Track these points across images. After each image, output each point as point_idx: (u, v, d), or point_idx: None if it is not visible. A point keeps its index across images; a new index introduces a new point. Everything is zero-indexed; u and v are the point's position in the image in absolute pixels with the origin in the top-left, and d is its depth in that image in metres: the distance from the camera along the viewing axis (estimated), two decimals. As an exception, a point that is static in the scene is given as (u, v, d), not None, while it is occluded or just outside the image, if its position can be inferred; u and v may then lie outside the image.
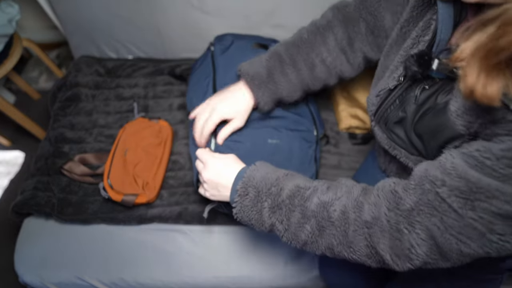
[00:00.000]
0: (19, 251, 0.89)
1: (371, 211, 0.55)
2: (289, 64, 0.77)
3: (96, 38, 1.24)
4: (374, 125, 0.72)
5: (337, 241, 0.57)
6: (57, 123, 1.07)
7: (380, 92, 0.67)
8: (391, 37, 0.69)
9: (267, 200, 0.61)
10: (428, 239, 0.50)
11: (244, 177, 0.63)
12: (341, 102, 1.07)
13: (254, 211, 0.62)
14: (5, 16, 1.22)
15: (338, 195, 0.58)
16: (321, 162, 1.00)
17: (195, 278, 0.86)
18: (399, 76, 0.63)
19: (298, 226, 0.59)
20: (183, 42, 1.22)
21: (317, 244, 0.59)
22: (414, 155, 0.65)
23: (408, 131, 0.63)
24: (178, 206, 0.91)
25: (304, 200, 0.59)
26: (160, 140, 0.99)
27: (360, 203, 0.56)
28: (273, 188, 0.61)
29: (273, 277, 0.86)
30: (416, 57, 0.55)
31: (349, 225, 0.56)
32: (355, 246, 0.56)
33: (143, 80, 1.17)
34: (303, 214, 0.58)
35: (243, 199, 0.62)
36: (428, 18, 0.58)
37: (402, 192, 0.53)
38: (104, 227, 0.91)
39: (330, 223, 0.57)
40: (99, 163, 0.98)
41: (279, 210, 0.60)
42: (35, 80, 1.71)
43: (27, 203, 0.91)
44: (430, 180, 0.49)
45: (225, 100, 0.76)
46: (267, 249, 0.88)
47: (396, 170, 0.79)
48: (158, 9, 1.13)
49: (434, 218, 0.48)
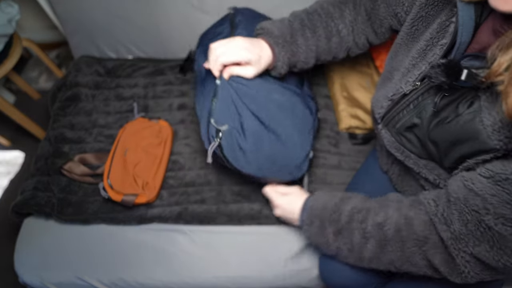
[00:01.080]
0: (19, 251, 0.89)
1: (422, 228, 0.58)
2: (310, 29, 0.77)
3: (96, 38, 1.24)
4: (381, 128, 0.72)
5: (396, 257, 0.61)
6: (57, 123, 1.07)
7: (393, 96, 0.66)
8: (398, 37, 0.68)
9: (330, 227, 0.68)
10: (477, 262, 0.52)
11: (307, 209, 0.72)
12: (341, 102, 1.07)
13: (321, 237, 0.70)
14: (5, 16, 1.21)
15: (390, 213, 0.63)
16: (321, 162, 1.00)
17: (195, 278, 0.86)
18: (414, 80, 0.61)
19: (360, 247, 0.65)
20: (183, 42, 1.21)
21: (380, 260, 0.64)
22: (424, 159, 0.65)
23: (422, 137, 0.62)
24: (178, 206, 0.91)
25: (360, 222, 0.65)
26: (160, 140, 0.99)
27: (410, 219, 0.60)
28: (333, 215, 0.68)
29: (273, 277, 0.86)
30: (444, 67, 0.52)
31: (404, 242, 0.59)
32: (413, 260, 0.60)
33: (143, 80, 1.17)
34: (362, 236, 0.64)
35: (310, 227, 0.71)
36: (443, 20, 0.56)
37: (446, 216, 0.54)
38: (104, 227, 0.90)
39: (386, 242, 0.62)
40: (99, 163, 0.98)
41: (340, 235, 0.67)
42: (35, 80, 1.71)
43: (27, 203, 0.91)
44: (473, 210, 0.50)
45: (251, 44, 0.71)
46: (267, 249, 0.88)
47: (398, 172, 0.79)
48: (158, 9, 1.13)
49: (479, 246, 0.50)
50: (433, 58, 0.58)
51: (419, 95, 0.61)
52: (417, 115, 0.62)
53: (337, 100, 1.08)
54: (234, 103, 0.73)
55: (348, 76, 1.10)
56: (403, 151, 0.68)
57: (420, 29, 0.62)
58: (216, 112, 0.73)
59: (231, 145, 0.72)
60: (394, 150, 0.70)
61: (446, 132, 0.56)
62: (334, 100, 1.10)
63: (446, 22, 0.56)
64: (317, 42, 0.79)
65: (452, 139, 0.55)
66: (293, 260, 0.87)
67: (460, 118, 0.53)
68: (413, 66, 0.63)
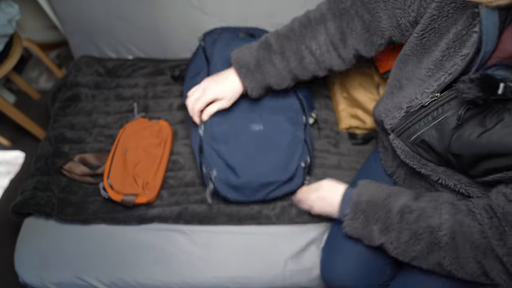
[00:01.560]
0: (19, 251, 0.89)
1: (479, 237, 0.56)
2: (278, 54, 0.78)
3: (96, 38, 1.24)
4: (393, 138, 0.70)
5: (448, 262, 0.60)
6: (57, 123, 1.07)
7: (409, 108, 0.64)
8: (406, 47, 0.66)
9: (377, 224, 0.67)
10: None
11: (352, 202, 0.70)
12: (341, 102, 1.07)
13: (365, 232, 0.69)
14: (5, 16, 1.21)
15: (444, 217, 0.61)
16: (321, 162, 1.00)
17: (195, 278, 0.86)
18: (432, 91, 0.60)
19: (407, 246, 0.64)
20: (183, 42, 1.22)
21: (426, 260, 0.63)
22: (442, 167, 0.64)
23: (441, 150, 0.60)
24: (178, 206, 0.91)
25: (411, 223, 0.63)
26: (160, 140, 0.99)
27: (467, 226, 0.58)
28: (379, 212, 0.66)
29: (273, 277, 0.86)
30: (478, 82, 0.49)
31: (459, 251, 0.58)
32: (466, 267, 0.59)
33: (143, 80, 1.17)
34: (412, 236, 0.63)
35: (353, 222, 0.69)
36: (459, 30, 0.54)
37: (502, 231, 0.54)
38: (104, 227, 0.90)
39: (439, 247, 0.60)
40: (99, 163, 0.98)
41: (388, 233, 0.65)
42: (35, 80, 1.71)
43: (27, 203, 0.91)
44: None
45: (216, 82, 0.82)
46: (267, 249, 0.88)
47: (404, 176, 0.78)
48: (158, 9, 1.13)
49: None
50: (454, 68, 0.56)
51: (438, 107, 0.59)
52: (436, 127, 0.60)
53: (337, 100, 1.08)
54: (217, 154, 0.84)
55: (348, 76, 1.10)
56: (419, 160, 0.66)
57: (432, 39, 0.60)
58: (205, 163, 0.85)
59: (224, 187, 0.84)
60: (409, 160, 0.68)
61: (473, 146, 0.55)
62: (334, 100, 1.10)
63: (463, 32, 0.54)
64: (288, 66, 0.80)
65: (482, 153, 0.54)
66: (293, 260, 0.87)
67: (493, 133, 0.52)
68: (429, 77, 0.61)
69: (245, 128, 0.86)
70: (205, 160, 0.85)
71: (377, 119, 0.77)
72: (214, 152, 0.85)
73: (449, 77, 0.57)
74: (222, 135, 0.85)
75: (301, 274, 0.87)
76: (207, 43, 0.99)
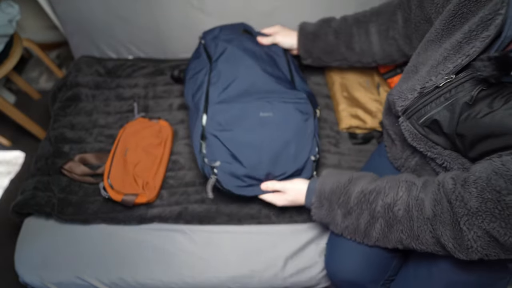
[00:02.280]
0: (19, 251, 0.89)
1: (433, 206, 0.59)
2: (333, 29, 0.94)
3: (96, 38, 1.24)
4: (402, 120, 0.71)
5: (406, 235, 0.64)
6: (57, 123, 1.07)
7: (422, 89, 0.66)
8: (430, 33, 0.68)
9: (340, 208, 0.71)
10: (487, 237, 0.53)
11: (316, 191, 0.74)
12: (341, 102, 1.07)
13: (330, 218, 0.73)
14: (5, 16, 1.22)
15: (400, 194, 0.64)
16: (321, 161, 1.00)
17: (195, 278, 0.86)
18: (448, 73, 0.61)
19: (368, 226, 0.68)
20: (183, 42, 1.22)
21: (388, 239, 0.67)
22: (448, 150, 0.67)
23: (449, 130, 0.63)
24: (178, 206, 0.91)
25: (369, 203, 0.67)
26: (160, 140, 0.99)
27: (421, 200, 0.62)
28: (342, 197, 0.70)
29: (273, 276, 0.86)
30: (495, 60, 0.51)
31: (414, 222, 0.62)
32: (422, 238, 0.62)
33: (143, 80, 1.17)
34: (371, 216, 0.67)
35: (319, 210, 0.74)
36: (486, 14, 0.56)
37: (463, 193, 0.55)
38: (104, 227, 0.91)
39: (397, 221, 0.64)
40: (99, 163, 0.98)
41: (349, 215, 0.70)
42: (35, 80, 1.71)
43: (27, 203, 0.91)
44: (494, 190, 0.51)
45: None
46: (267, 248, 0.88)
47: (414, 167, 0.79)
48: (158, 9, 1.13)
49: (495, 222, 0.51)
50: (473, 50, 0.58)
51: (452, 88, 0.61)
52: (448, 108, 0.62)
53: (338, 100, 1.08)
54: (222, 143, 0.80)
55: (348, 76, 1.11)
56: (426, 142, 0.69)
57: (457, 25, 0.62)
58: (208, 152, 0.81)
59: (228, 178, 0.80)
60: (416, 143, 0.70)
61: (477, 126, 0.57)
62: (334, 100, 1.10)
63: (488, 16, 0.55)
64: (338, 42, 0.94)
65: (484, 133, 0.56)
66: (293, 259, 0.87)
67: (496, 113, 0.54)
68: (445, 58, 0.62)
69: (253, 115, 0.81)
70: (208, 149, 0.81)
71: (390, 102, 0.79)
72: (217, 140, 0.80)
73: (466, 59, 0.59)
74: (227, 122, 0.81)
75: (301, 273, 0.87)
76: (208, 40, 0.99)
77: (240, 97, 0.84)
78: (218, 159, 0.80)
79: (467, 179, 0.56)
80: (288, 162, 0.81)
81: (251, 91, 0.85)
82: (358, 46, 0.93)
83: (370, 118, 1.03)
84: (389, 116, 0.82)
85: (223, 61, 0.90)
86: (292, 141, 0.81)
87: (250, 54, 0.92)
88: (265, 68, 0.91)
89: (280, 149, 0.80)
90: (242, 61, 0.90)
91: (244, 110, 0.82)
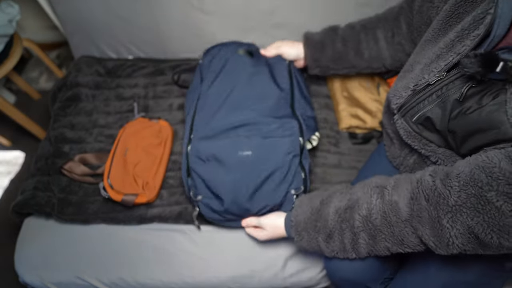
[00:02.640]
0: (19, 251, 0.89)
1: (409, 205, 0.59)
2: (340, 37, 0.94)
3: (96, 38, 1.24)
4: (397, 118, 0.72)
5: (390, 243, 0.63)
6: (57, 123, 1.07)
7: (415, 86, 0.67)
8: (427, 33, 0.69)
9: (319, 235, 0.69)
10: (468, 234, 0.53)
11: (293, 225, 0.73)
12: (341, 102, 1.07)
13: (314, 246, 0.72)
14: (5, 16, 1.21)
15: (373, 202, 0.64)
16: (321, 161, 1.00)
17: (195, 278, 0.86)
18: (439, 70, 0.62)
19: (353, 243, 0.67)
20: (183, 42, 1.22)
21: (376, 250, 0.66)
22: (442, 148, 0.66)
23: (441, 127, 0.63)
24: (178, 206, 0.91)
25: (347, 221, 0.66)
26: (160, 140, 0.99)
27: (395, 203, 0.61)
28: (318, 223, 0.69)
29: (273, 276, 0.86)
30: (481, 57, 0.52)
31: (394, 227, 0.61)
32: (407, 241, 0.61)
33: (143, 80, 1.17)
34: (353, 232, 0.66)
35: (301, 241, 0.73)
36: (479, 13, 0.56)
37: (444, 190, 0.55)
38: (104, 227, 0.90)
39: (377, 231, 0.63)
40: (99, 163, 0.98)
41: (331, 239, 0.69)
42: (35, 80, 1.71)
43: (27, 203, 0.91)
44: (476, 185, 0.50)
45: None
46: (267, 249, 0.88)
47: (412, 165, 0.79)
48: (158, 9, 1.13)
49: (477, 218, 0.51)
50: (463, 49, 0.59)
51: (443, 86, 0.62)
52: (439, 105, 0.62)
53: (337, 99, 1.08)
54: (203, 181, 0.82)
55: (348, 76, 1.10)
56: (420, 140, 0.69)
57: (452, 24, 0.63)
58: (192, 185, 0.84)
59: (209, 212, 0.83)
60: (411, 140, 0.71)
61: (466, 122, 0.57)
62: (334, 100, 1.10)
63: (480, 15, 0.56)
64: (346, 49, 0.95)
65: (472, 128, 0.57)
66: (293, 258, 0.87)
67: (483, 109, 0.54)
68: (438, 56, 0.63)
69: (232, 154, 0.82)
70: (192, 183, 0.84)
71: (387, 101, 0.80)
72: (199, 177, 0.82)
73: (457, 57, 0.60)
74: (208, 159, 0.83)
75: (301, 273, 0.87)
76: (205, 62, 1.01)
77: (222, 133, 0.85)
78: (201, 193, 0.83)
79: (449, 174, 0.55)
80: (267, 197, 0.80)
81: (235, 122, 0.86)
82: (367, 52, 0.93)
83: (370, 118, 1.03)
84: (388, 115, 0.82)
85: (212, 88, 0.92)
86: (270, 177, 0.80)
87: (243, 79, 0.92)
88: (257, 93, 0.91)
89: (258, 186, 0.80)
90: (232, 87, 0.91)
91: (223, 148, 0.82)
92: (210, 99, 0.91)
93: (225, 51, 1.01)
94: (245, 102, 0.89)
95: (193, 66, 1.14)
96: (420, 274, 0.71)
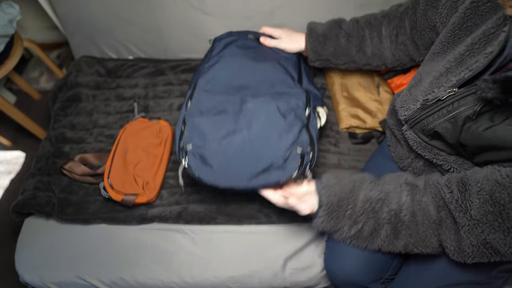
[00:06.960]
0: (19, 251, 0.89)
1: (437, 212, 0.61)
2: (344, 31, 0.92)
3: (96, 39, 1.24)
4: (406, 129, 0.73)
5: (414, 240, 0.64)
6: (58, 123, 1.07)
7: (426, 101, 0.67)
8: (435, 45, 0.69)
9: (347, 219, 0.68)
10: (483, 247, 0.55)
11: (325, 204, 0.68)
12: (341, 102, 1.07)
13: (336, 228, 0.70)
14: (6, 16, 1.22)
15: (403, 199, 0.65)
16: (321, 161, 1.00)
17: (195, 278, 0.86)
18: (450, 86, 0.62)
19: (373, 233, 0.67)
20: (183, 42, 1.22)
21: (393, 245, 0.67)
22: (453, 156, 0.68)
23: (452, 140, 0.64)
24: (178, 206, 0.91)
25: (375, 212, 0.66)
26: (160, 140, 0.99)
27: (425, 204, 0.63)
28: (349, 209, 0.67)
29: (273, 276, 0.86)
30: (501, 84, 0.51)
31: (419, 226, 0.63)
32: (427, 242, 0.63)
33: (143, 80, 1.18)
34: (377, 223, 0.66)
35: (327, 223, 0.69)
36: (489, 27, 0.56)
37: (464, 203, 0.57)
38: (105, 227, 0.91)
39: (404, 227, 0.64)
40: (100, 163, 0.98)
41: (355, 225, 0.68)
42: (36, 80, 1.71)
43: (27, 203, 0.91)
44: (498, 202, 0.52)
45: None
46: (267, 248, 0.88)
47: (422, 167, 0.79)
48: (158, 9, 1.13)
49: (496, 233, 0.53)
50: (476, 65, 0.58)
51: (454, 101, 0.62)
52: (450, 121, 0.63)
53: (337, 100, 1.08)
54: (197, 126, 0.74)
55: (348, 76, 1.11)
56: (431, 150, 0.70)
57: (461, 37, 0.63)
58: (184, 136, 0.75)
59: (197, 163, 0.72)
60: (421, 150, 0.72)
61: (478, 138, 0.58)
62: (334, 100, 1.10)
63: (491, 30, 0.56)
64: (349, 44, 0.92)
65: (485, 145, 0.58)
66: (293, 258, 0.87)
67: (497, 128, 0.55)
68: (447, 70, 0.63)
69: (236, 107, 0.76)
70: (187, 134, 0.75)
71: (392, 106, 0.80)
72: (193, 125, 0.75)
73: (469, 73, 0.59)
74: (207, 109, 0.76)
75: (301, 273, 0.87)
76: (215, 43, 0.97)
77: (227, 90, 0.80)
78: (191, 142, 0.73)
79: (468, 187, 0.57)
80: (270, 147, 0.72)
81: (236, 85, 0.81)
82: (370, 49, 0.92)
83: (370, 118, 1.03)
84: (394, 120, 0.82)
85: (221, 55, 0.89)
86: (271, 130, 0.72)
87: (251, 54, 0.91)
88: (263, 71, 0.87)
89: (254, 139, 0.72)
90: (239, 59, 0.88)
91: (227, 100, 0.77)
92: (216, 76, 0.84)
93: (235, 35, 0.98)
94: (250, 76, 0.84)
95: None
96: (423, 273, 0.72)
